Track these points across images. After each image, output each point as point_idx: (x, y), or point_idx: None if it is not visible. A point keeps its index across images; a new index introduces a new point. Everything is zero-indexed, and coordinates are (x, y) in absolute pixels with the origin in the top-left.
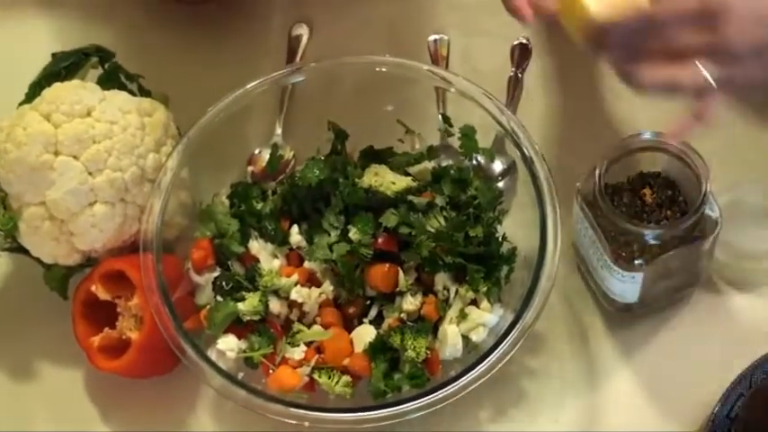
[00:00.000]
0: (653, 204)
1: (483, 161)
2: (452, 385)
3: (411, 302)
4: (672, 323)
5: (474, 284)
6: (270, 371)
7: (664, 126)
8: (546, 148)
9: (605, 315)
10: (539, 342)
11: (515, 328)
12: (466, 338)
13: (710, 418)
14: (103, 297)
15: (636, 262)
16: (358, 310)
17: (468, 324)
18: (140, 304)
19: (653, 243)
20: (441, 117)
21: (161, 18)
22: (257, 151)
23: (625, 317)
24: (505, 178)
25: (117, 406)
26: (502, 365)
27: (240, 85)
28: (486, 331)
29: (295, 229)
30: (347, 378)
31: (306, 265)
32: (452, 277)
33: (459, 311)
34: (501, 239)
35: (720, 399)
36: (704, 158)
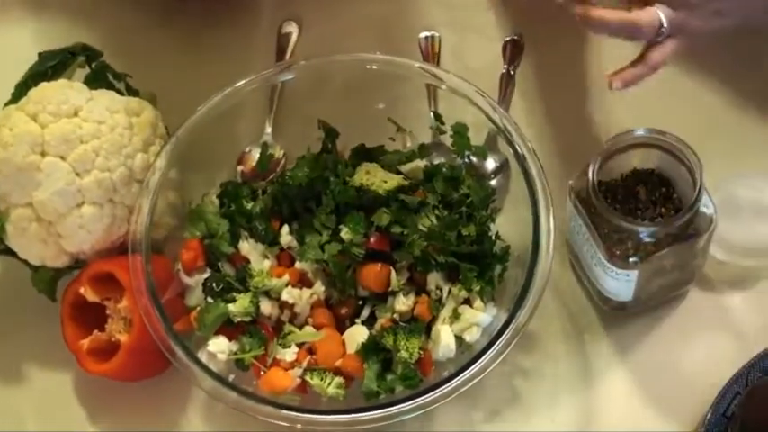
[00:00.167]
0: (647, 201)
1: (475, 159)
2: (446, 386)
3: (403, 302)
4: (667, 321)
5: (467, 284)
6: (261, 372)
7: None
8: (538, 145)
9: (600, 313)
10: (532, 341)
11: (509, 327)
12: (459, 338)
13: (707, 416)
14: (92, 299)
15: (630, 260)
16: (350, 310)
17: (462, 324)
18: (129, 306)
19: (647, 241)
20: (432, 115)
21: (148, 16)
22: (247, 150)
23: (620, 315)
24: (498, 176)
25: (107, 409)
26: (496, 365)
27: (229, 84)
28: (480, 331)
29: (286, 229)
30: (339, 379)
31: (297, 265)
32: (445, 277)
33: (453, 311)
34: (494, 238)
35: (717, 397)
36: (698, 155)
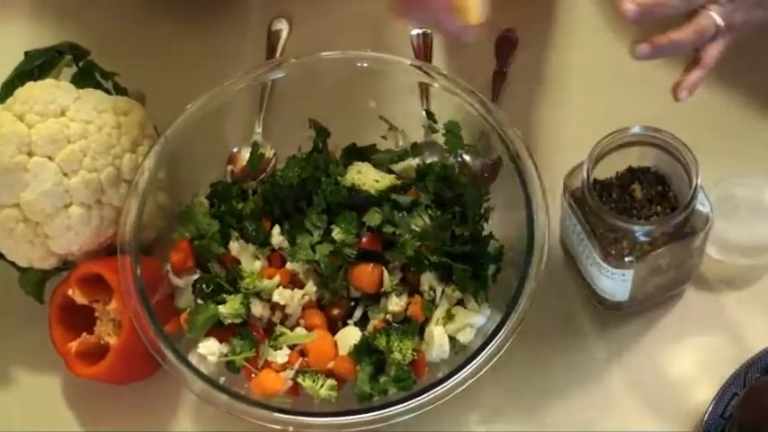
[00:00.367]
0: (642, 200)
1: (468, 158)
2: (439, 387)
3: (396, 303)
4: (663, 322)
5: (460, 284)
6: (252, 375)
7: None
8: (532, 143)
9: (595, 314)
10: (527, 342)
11: (503, 328)
12: (453, 339)
13: (704, 417)
14: (81, 301)
15: (626, 259)
16: (342, 311)
17: (455, 325)
18: (118, 308)
19: (643, 240)
20: (425, 113)
21: (136, 14)
22: (237, 150)
23: (615, 315)
24: (492, 175)
25: (96, 413)
26: (490, 367)
27: (218, 83)
28: (474, 332)
29: (277, 229)
30: (332, 381)
31: (288, 266)
32: (438, 277)
33: (446, 312)
34: (488, 238)
35: (714, 398)
36: (694, 153)
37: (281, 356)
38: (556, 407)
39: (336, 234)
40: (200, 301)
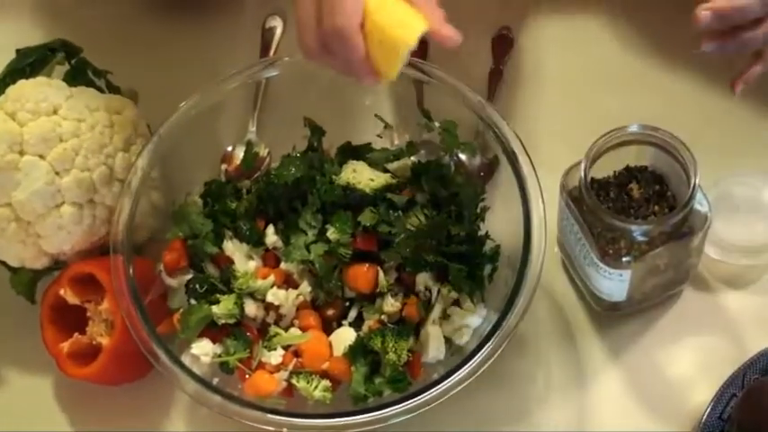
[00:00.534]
0: (640, 199)
1: (464, 157)
2: (435, 389)
3: (392, 304)
4: (661, 322)
5: (456, 284)
6: (246, 376)
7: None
8: (529, 142)
9: (592, 314)
10: (524, 343)
11: (500, 329)
12: (449, 340)
13: (702, 419)
14: (73, 301)
15: (623, 259)
16: (337, 312)
17: (451, 325)
18: (111, 308)
19: (641, 239)
20: (420, 111)
21: (129, 11)
22: (231, 149)
23: (613, 316)
24: (488, 174)
25: (88, 414)
26: (486, 368)
27: (212, 81)
28: (470, 333)
29: (271, 228)
30: (326, 383)
31: (282, 266)
32: (434, 277)
33: (442, 312)
34: (484, 237)
35: (712, 399)
36: (692, 151)
37: (275, 357)
38: (553, 408)
39: (331, 234)
40: (193, 302)
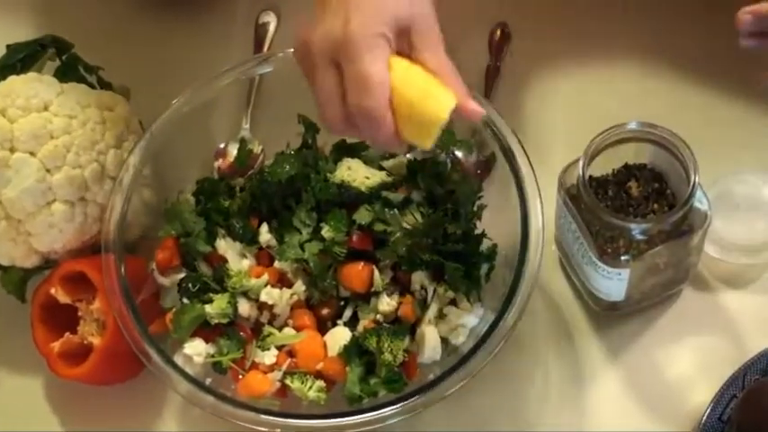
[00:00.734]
0: (639, 197)
1: (461, 154)
2: (431, 390)
3: (387, 303)
4: (660, 322)
5: (453, 283)
6: (239, 376)
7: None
8: (526, 139)
9: (591, 314)
10: (521, 343)
11: (496, 328)
12: (445, 340)
13: (702, 420)
14: (64, 300)
15: (622, 258)
16: (332, 311)
17: (448, 325)
18: (102, 308)
19: (639, 238)
20: None
21: (121, 6)
22: (224, 146)
23: (612, 316)
24: (485, 172)
25: (79, 414)
26: (483, 368)
27: (205, 77)
28: (466, 332)
29: (264, 227)
30: (321, 383)
31: (276, 264)
32: (430, 276)
33: (438, 312)
34: (480, 236)
35: (712, 401)
36: (692, 149)
37: (268, 357)
38: (550, 409)
39: (326, 232)
40: (185, 301)
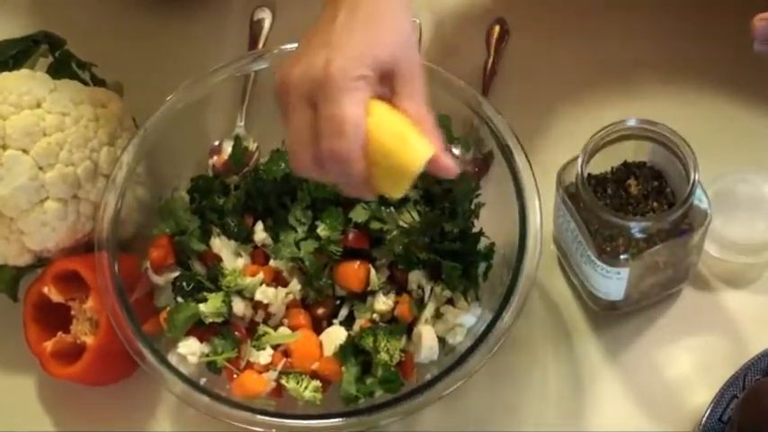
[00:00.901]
0: (638, 196)
1: (458, 152)
2: (428, 390)
3: (383, 302)
4: (660, 322)
5: (450, 282)
6: (234, 376)
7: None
8: (524, 136)
9: (589, 314)
10: (519, 343)
11: (494, 328)
12: (442, 340)
13: (702, 420)
14: (56, 299)
15: (621, 257)
16: (327, 310)
17: (445, 325)
18: (96, 307)
19: (639, 237)
20: None
21: (114, 2)
22: (218, 143)
23: (611, 315)
24: (482, 169)
25: (72, 415)
26: (480, 368)
27: (199, 74)
28: (464, 332)
29: (260, 225)
30: (316, 383)
31: (271, 263)
32: (427, 275)
33: (435, 311)
34: (478, 235)
35: (712, 401)
36: (692, 147)
37: (263, 357)
38: (549, 410)
39: (321, 230)
40: (180, 300)
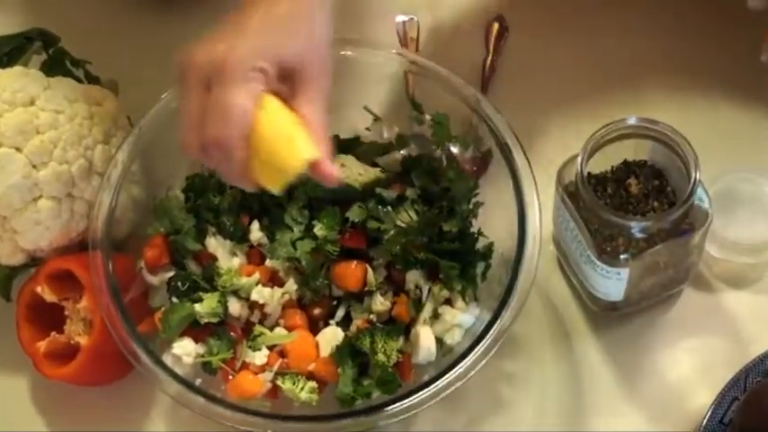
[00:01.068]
0: (639, 195)
1: (456, 150)
2: (425, 391)
3: (381, 302)
4: (660, 322)
5: (448, 283)
6: (229, 377)
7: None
8: (524, 135)
9: (589, 314)
10: (518, 344)
11: (492, 328)
12: (440, 340)
13: (703, 422)
14: (50, 299)
15: (621, 257)
16: (324, 311)
17: (443, 325)
18: (90, 306)
19: (639, 236)
20: (411, 104)
21: (109, 0)
22: None
23: (610, 316)
24: (481, 168)
25: (65, 415)
26: (478, 369)
27: None
28: (462, 333)
29: (255, 224)
30: (313, 384)
31: (267, 263)
32: (425, 275)
33: (433, 312)
34: (476, 234)
35: (713, 403)
36: (694, 146)
37: (259, 357)
38: (548, 411)
39: (318, 230)
40: (175, 300)
